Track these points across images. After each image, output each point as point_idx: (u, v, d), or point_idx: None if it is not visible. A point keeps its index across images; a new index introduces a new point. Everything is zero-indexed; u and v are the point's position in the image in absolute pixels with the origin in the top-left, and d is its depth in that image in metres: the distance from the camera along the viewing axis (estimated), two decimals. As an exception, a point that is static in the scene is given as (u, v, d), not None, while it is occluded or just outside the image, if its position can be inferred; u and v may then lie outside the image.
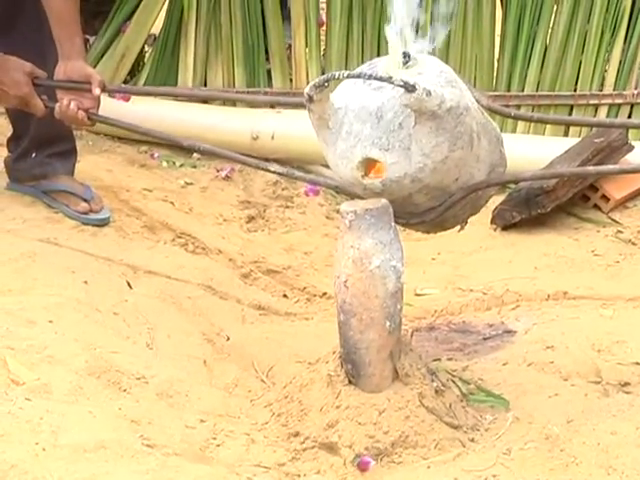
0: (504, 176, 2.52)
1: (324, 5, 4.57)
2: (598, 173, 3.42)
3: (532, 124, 4.34)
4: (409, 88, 2.21)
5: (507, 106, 3.02)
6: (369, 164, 2.33)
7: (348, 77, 2.33)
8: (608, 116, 4.27)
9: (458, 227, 2.61)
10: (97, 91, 2.92)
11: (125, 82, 4.48)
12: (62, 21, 2.99)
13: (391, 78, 2.24)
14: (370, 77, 2.28)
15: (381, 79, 2.26)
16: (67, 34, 2.99)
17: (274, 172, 2.80)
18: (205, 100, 4.45)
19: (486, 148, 2.38)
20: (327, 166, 4.10)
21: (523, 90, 4.36)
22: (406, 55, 2.30)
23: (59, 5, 2.98)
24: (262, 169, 2.88)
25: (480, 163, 2.38)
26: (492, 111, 2.45)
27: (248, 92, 4.44)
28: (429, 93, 2.21)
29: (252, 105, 4.39)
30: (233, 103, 4.47)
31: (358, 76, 2.31)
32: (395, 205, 2.38)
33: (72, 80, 2.97)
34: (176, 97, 4.39)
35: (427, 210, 2.41)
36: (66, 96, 2.95)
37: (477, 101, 2.39)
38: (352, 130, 2.32)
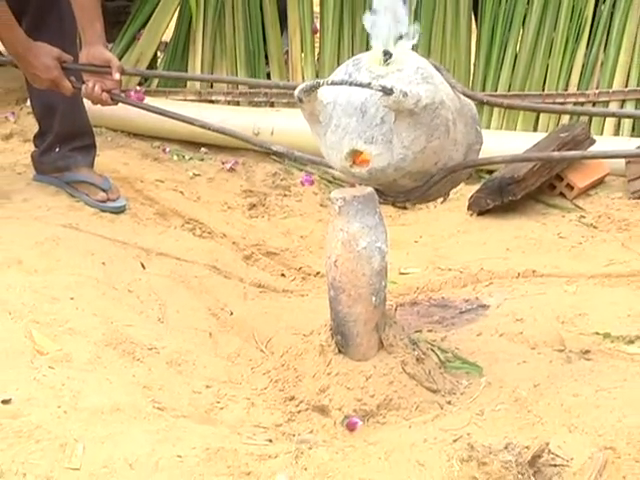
0: (479, 159, 2.50)
1: (318, 14, 4.57)
2: (562, 158, 3.42)
3: (504, 121, 4.33)
4: (387, 91, 2.19)
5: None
6: (356, 154, 2.32)
7: (332, 84, 2.31)
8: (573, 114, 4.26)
9: (441, 199, 2.62)
10: (117, 76, 2.95)
11: (139, 84, 4.48)
12: (84, 9, 3.01)
13: (370, 84, 2.22)
14: (351, 84, 2.26)
15: (361, 85, 2.24)
16: (88, 20, 3.00)
17: (275, 151, 2.78)
18: (211, 100, 4.44)
19: (462, 131, 2.36)
20: (322, 158, 4.14)
21: (496, 90, 4.35)
22: (386, 53, 2.28)
23: None
24: (265, 148, 2.87)
25: (458, 145, 2.35)
26: (466, 96, 2.42)
27: (250, 93, 4.43)
28: (405, 94, 2.18)
29: (253, 104, 4.40)
30: (237, 103, 4.47)
31: (341, 83, 2.29)
32: (382, 187, 2.39)
33: (94, 64, 2.98)
34: (185, 97, 4.38)
35: (411, 189, 2.39)
36: (91, 79, 2.97)
37: (453, 87, 2.36)
38: (340, 123, 2.30)
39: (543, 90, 4.34)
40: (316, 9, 4.58)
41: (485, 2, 4.33)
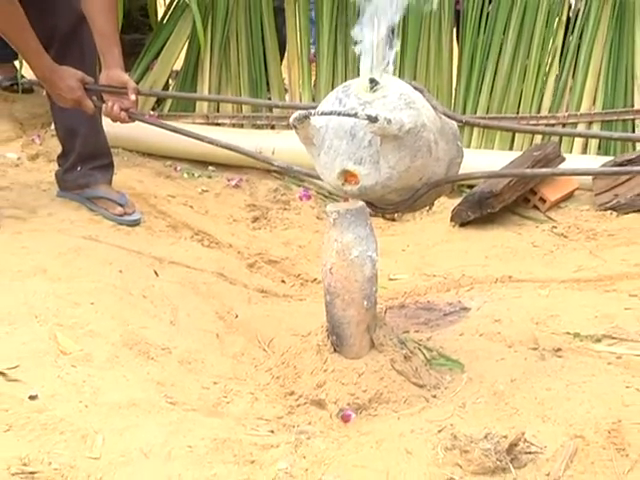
0: (459, 175, 2.49)
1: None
2: (534, 174, 3.45)
3: (483, 141, 4.33)
4: (372, 119, 2.18)
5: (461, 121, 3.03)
6: (347, 173, 2.31)
7: (322, 114, 2.30)
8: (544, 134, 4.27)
9: (427, 208, 2.63)
10: (133, 97, 2.96)
11: (153, 109, 4.48)
12: (104, 36, 3.02)
13: (357, 114, 2.21)
14: (339, 114, 2.25)
15: (348, 115, 2.23)
16: (107, 46, 3.02)
17: (277, 166, 2.76)
18: (218, 124, 4.44)
19: (444, 148, 2.34)
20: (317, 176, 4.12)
21: (476, 113, 4.35)
22: (372, 81, 2.28)
23: (102, 25, 3.02)
24: (267, 163, 2.87)
25: (440, 161, 2.34)
26: (447, 116, 2.42)
27: (252, 117, 4.44)
28: (389, 121, 2.15)
29: (256, 127, 4.40)
30: (241, 126, 4.47)
31: (330, 113, 2.28)
32: (373, 201, 2.39)
33: (112, 85, 2.99)
34: (194, 120, 4.38)
35: (399, 202, 2.38)
36: (110, 99, 2.98)
37: (434, 108, 2.36)
38: (332, 145, 2.29)
39: (518, 113, 4.35)
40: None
41: (465, 33, 4.34)
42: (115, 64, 3.01)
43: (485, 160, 3.95)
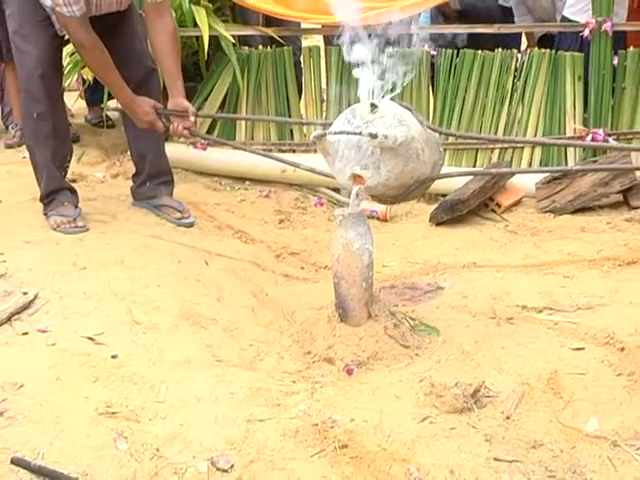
0: (441, 174, 2.48)
1: (325, 89, 4.57)
2: (498, 173, 3.55)
3: (454, 160, 4.30)
4: (373, 136, 2.19)
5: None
6: (355, 176, 2.32)
7: (334, 133, 2.32)
8: (500, 153, 4.25)
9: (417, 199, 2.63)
10: (192, 118, 2.99)
11: (203, 139, 4.46)
12: (170, 73, 3.05)
13: (361, 132, 2.23)
14: (348, 133, 2.26)
15: (354, 133, 2.25)
16: (173, 80, 3.04)
17: (303, 168, 2.76)
18: (252, 150, 4.41)
19: (429, 154, 2.35)
20: (328, 188, 4.12)
21: (447, 139, 4.33)
22: (373, 105, 2.29)
23: (168, 65, 3.05)
24: (294, 166, 2.83)
25: (426, 164, 2.35)
26: (430, 129, 2.41)
27: (279, 143, 4.42)
28: (386, 137, 2.19)
29: (281, 151, 4.39)
30: (270, 150, 4.43)
31: (340, 132, 2.30)
32: (376, 196, 2.40)
33: (177, 110, 3.01)
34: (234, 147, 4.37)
35: (396, 195, 2.39)
36: (176, 120, 3.01)
37: (421, 122, 2.36)
38: (344, 155, 2.31)
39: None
40: (324, 86, 4.57)
41: (439, 79, 4.32)
42: (178, 94, 3.04)
43: (455, 175, 3.94)
